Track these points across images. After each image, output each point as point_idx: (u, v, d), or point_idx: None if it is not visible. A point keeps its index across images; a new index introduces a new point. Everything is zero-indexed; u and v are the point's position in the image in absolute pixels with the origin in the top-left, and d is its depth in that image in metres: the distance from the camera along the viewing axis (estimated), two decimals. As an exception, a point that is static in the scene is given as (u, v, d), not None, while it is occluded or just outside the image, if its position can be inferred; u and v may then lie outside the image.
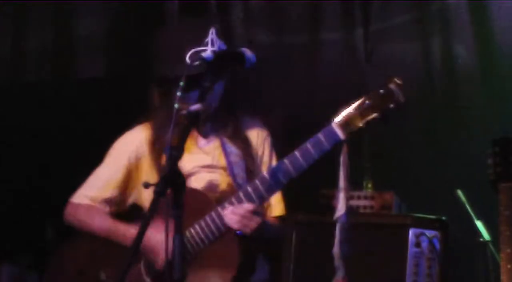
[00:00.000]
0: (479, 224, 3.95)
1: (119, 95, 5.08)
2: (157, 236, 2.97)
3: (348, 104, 2.94)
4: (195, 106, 2.75)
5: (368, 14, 5.12)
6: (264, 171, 3.21)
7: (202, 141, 3.23)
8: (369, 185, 4.20)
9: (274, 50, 5.24)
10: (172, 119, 2.92)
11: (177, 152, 2.56)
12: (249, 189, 3.02)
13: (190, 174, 3.17)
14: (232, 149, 3.21)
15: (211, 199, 3.13)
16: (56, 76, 5.36)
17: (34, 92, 5.25)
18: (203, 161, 3.18)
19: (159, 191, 2.51)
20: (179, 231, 2.50)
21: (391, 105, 2.96)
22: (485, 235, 3.93)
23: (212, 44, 3.11)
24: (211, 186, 3.18)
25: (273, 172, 3.00)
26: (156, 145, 3.22)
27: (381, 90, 2.95)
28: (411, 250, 3.98)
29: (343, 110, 2.95)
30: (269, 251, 3.48)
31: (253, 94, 5.21)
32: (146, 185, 2.77)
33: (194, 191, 3.10)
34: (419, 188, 4.71)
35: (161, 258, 3.01)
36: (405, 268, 3.96)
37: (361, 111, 2.95)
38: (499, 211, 3.34)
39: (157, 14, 5.21)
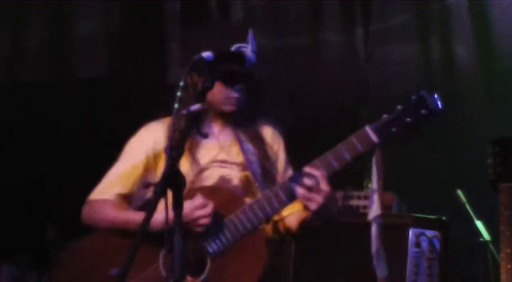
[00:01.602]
0: (479, 224, 3.96)
1: (119, 95, 5.08)
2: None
3: (384, 113, 3.01)
4: (195, 107, 2.75)
5: (368, 14, 5.13)
6: (280, 169, 3.26)
7: (217, 137, 3.24)
8: (369, 185, 4.20)
9: (274, 51, 5.24)
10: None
11: (177, 152, 2.56)
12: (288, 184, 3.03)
13: (204, 169, 3.17)
14: (249, 146, 3.22)
15: (238, 196, 3.14)
16: (56, 76, 5.36)
17: (34, 92, 5.25)
18: (218, 156, 3.18)
19: (159, 191, 2.51)
20: (179, 231, 2.50)
21: (423, 111, 3.01)
22: (485, 235, 3.93)
23: (252, 44, 3.14)
24: (224, 181, 3.18)
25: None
26: None
27: (413, 97, 3.00)
28: (411, 250, 3.99)
29: (379, 118, 3.02)
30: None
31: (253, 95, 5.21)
32: (146, 185, 2.77)
33: (219, 189, 3.12)
34: (419, 188, 4.71)
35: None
36: (405, 268, 3.96)
37: (394, 117, 3.00)
38: (499, 211, 3.34)
39: (157, 14, 5.22)
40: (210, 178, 3.15)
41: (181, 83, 2.78)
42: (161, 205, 2.56)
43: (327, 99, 5.06)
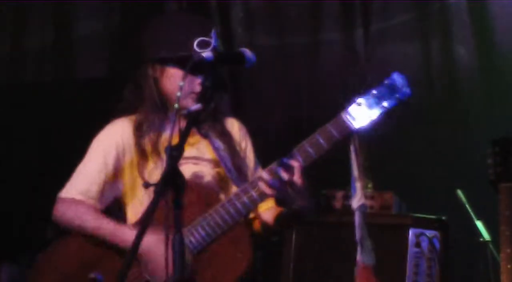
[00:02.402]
0: (479, 224, 3.95)
1: (119, 95, 5.07)
2: (157, 250, 2.94)
3: (356, 96, 2.98)
4: (195, 107, 2.75)
5: (368, 14, 5.12)
6: (250, 165, 3.25)
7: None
8: (369, 185, 4.20)
9: (274, 50, 5.24)
10: (154, 113, 3.01)
11: (177, 152, 2.56)
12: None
13: None
14: (219, 144, 3.21)
15: (213, 191, 3.13)
16: (56, 76, 5.36)
17: (34, 92, 5.25)
18: (189, 153, 3.17)
19: (159, 191, 2.51)
20: (179, 231, 2.50)
21: (397, 96, 2.99)
22: (485, 235, 3.93)
23: (216, 40, 3.12)
24: (196, 178, 3.17)
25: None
26: (139, 138, 3.19)
27: (386, 81, 2.99)
28: (411, 250, 3.99)
29: (351, 102, 2.99)
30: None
31: (253, 94, 5.22)
32: (146, 185, 2.77)
33: (193, 185, 3.10)
34: (419, 188, 4.71)
35: (159, 276, 2.97)
36: (405, 268, 3.96)
37: (369, 103, 2.98)
38: (499, 211, 3.34)
39: (157, 14, 5.21)
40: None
41: (181, 83, 2.78)
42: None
43: (327, 99, 5.05)
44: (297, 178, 2.98)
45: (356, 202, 3.08)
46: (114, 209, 3.30)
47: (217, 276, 3.01)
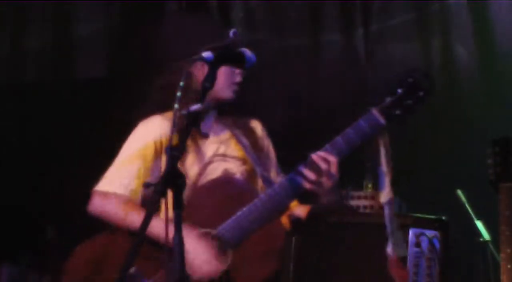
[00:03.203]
0: (479, 224, 3.95)
1: (119, 95, 5.08)
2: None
3: (386, 95, 3.12)
4: (195, 107, 2.76)
5: (368, 14, 5.12)
6: (272, 165, 3.27)
7: (215, 131, 3.23)
8: (369, 185, 4.20)
9: (274, 50, 5.24)
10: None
11: (178, 151, 2.56)
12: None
13: (209, 162, 3.18)
14: (244, 141, 3.23)
15: (248, 187, 3.15)
16: (56, 76, 5.36)
17: (34, 92, 5.25)
18: (217, 150, 3.19)
19: (159, 191, 2.51)
20: (179, 231, 2.50)
21: (421, 94, 3.07)
22: (485, 235, 3.93)
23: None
24: (228, 175, 3.19)
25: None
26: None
27: (410, 79, 3.04)
28: (411, 250, 3.98)
29: (382, 101, 3.11)
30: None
31: (253, 95, 5.22)
32: (147, 185, 2.77)
33: (228, 182, 3.13)
34: (419, 188, 4.71)
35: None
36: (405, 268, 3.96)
37: (396, 99, 3.09)
38: (499, 211, 3.34)
39: (157, 14, 5.21)
40: (216, 171, 3.16)
41: (181, 83, 2.78)
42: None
43: (327, 99, 5.06)
44: (334, 171, 3.06)
45: (385, 196, 3.15)
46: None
47: (252, 271, 3.03)
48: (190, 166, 3.18)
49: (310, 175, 3.06)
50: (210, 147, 3.20)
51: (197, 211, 2.92)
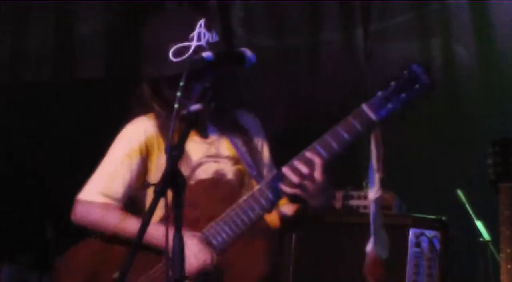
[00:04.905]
0: (479, 224, 3.96)
1: (119, 95, 5.07)
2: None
3: (377, 89, 2.97)
4: (195, 106, 2.75)
5: (368, 14, 5.13)
6: (265, 162, 3.23)
7: (204, 132, 3.21)
8: (370, 185, 4.19)
9: (274, 50, 5.24)
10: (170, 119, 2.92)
11: (177, 151, 2.55)
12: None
13: (199, 164, 3.15)
14: (236, 139, 3.20)
15: (237, 188, 3.11)
16: (56, 76, 5.36)
17: (34, 92, 5.25)
18: (209, 151, 3.16)
19: (159, 191, 2.50)
20: (179, 230, 2.50)
21: (416, 86, 2.97)
22: (485, 235, 3.94)
23: (199, 39, 3.05)
24: (218, 176, 3.16)
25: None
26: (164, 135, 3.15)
27: (405, 72, 2.96)
28: (411, 250, 3.99)
29: (373, 94, 2.98)
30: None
31: (253, 94, 5.22)
32: (146, 185, 2.76)
33: (218, 181, 3.10)
34: (419, 188, 4.71)
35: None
36: (405, 268, 3.96)
37: (389, 93, 2.97)
38: (499, 211, 3.34)
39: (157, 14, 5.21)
40: (205, 173, 3.13)
41: (181, 83, 2.77)
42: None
43: (326, 99, 5.06)
44: (318, 174, 2.95)
45: (374, 194, 3.03)
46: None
47: (239, 275, 3.01)
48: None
49: (292, 178, 2.96)
50: (198, 148, 3.17)
51: (185, 212, 2.89)
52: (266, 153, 3.26)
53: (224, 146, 3.20)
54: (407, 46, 5.11)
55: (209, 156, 3.15)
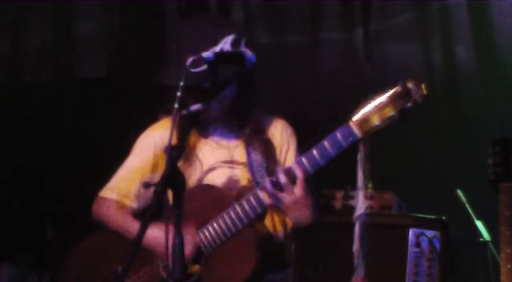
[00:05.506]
0: (479, 224, 3.96)
1: (119, 95, 5.08)
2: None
3: (365, 102, 2.92)
4: (195, 106, 2.75)
5: (368, 14, 5.13)
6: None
7: (222, 138, 3.21)
8: (369, 185, 4.20)
9: (274, 50, 5.24)
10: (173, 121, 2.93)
11: (177, 152, 2.55)
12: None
13: (212, 169, 3.15)
14: (251, 147, 3.19)
15: (227, 194, 3.11)
16: (56, 76, 5.37)
17: (34, 92, 5.25)
18: (224, 156, 3.16)
19: (159, 191, 2.51)
20: (179, 231, 2.50)
21: (409, 105, 2.93)
22: (485, 235, 3.94)
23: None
24: (232, 181, 3.16)
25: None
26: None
27: (399, 89, 2.91)
28: (411, 250, 3.99)
29: (360, 109, 2.93)
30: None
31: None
32: (146, 185, 2.76)
33: (210, 187, 3.10)
34: (419, 188, 4.71)
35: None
36: (405, 268, 3.96)
37: (379, 110, 2.93)
38: (499, 211, 3.33)
39: (157, 14, 5.21)
40: (219, 178, 3.14)
41: (181, 83, 2.77)
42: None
43: (326, 99, 5.06)
44: (297, 190, 2.95)
45: (357, 211, 3.04)
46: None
47: (224, 278, 3.01)
48: (187, 169, 3.16)
49: (270, 189, 2.96)
50: (213, 152, 3.17)
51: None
52: (289, 160, 3.23)
53: (240, 153, 3.19)
54: (407, 46, 5.11)
55: (224, 161, 3.16)
